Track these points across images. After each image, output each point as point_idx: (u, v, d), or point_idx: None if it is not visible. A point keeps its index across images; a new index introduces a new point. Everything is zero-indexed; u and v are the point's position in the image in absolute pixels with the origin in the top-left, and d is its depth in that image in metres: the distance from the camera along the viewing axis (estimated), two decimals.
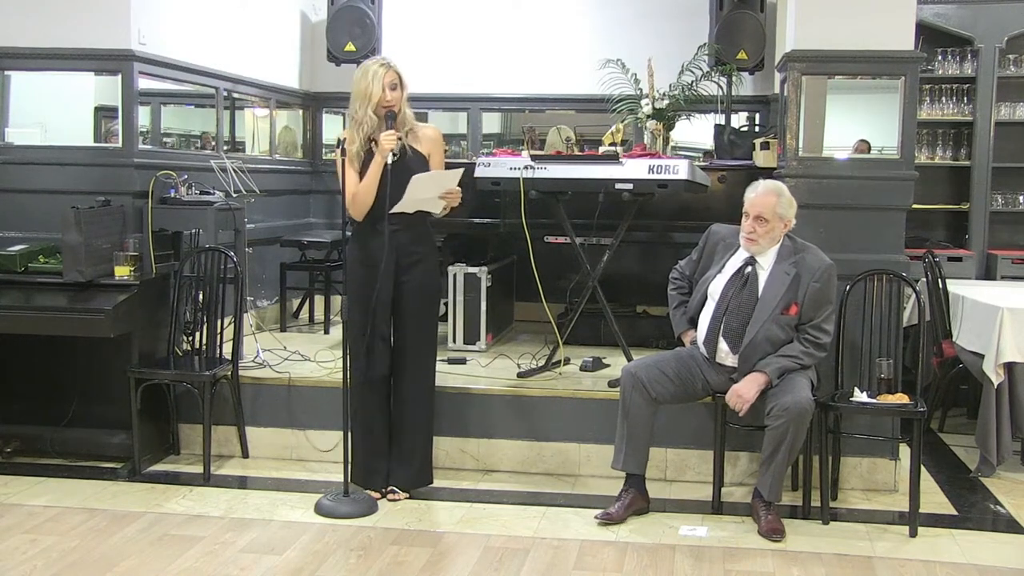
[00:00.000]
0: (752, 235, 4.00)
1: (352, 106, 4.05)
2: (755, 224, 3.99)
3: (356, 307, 4.08)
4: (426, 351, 4.24)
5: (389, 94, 3.98)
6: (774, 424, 3.83)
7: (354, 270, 4.14)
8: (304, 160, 7.16)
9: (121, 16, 4.74)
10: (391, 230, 3.99)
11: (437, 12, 6.98)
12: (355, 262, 4.14)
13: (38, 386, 4.75)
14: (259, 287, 6.24)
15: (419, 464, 4.25)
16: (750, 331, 3.96)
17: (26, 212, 4.81)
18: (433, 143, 4.17)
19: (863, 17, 4.36)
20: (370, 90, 3.96)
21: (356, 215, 4.07)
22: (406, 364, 4.18)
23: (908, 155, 4.44)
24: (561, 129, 5.37)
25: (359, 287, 4.09)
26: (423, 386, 4.23)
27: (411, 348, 4.18)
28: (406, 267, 4.11)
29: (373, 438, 4.21)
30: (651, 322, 5.67)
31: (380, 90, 3.96)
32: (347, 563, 3.59)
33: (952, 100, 6.73)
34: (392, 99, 3.99)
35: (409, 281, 4.12)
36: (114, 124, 4.92)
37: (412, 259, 4.11)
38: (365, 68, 4.03)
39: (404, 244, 4.08)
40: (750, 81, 6.56)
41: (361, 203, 4.03)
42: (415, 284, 4.13)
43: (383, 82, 3.97)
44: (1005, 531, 4.05)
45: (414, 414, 4.21)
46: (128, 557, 3.60)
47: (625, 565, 3.60)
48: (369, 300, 4.04)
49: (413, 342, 4.18)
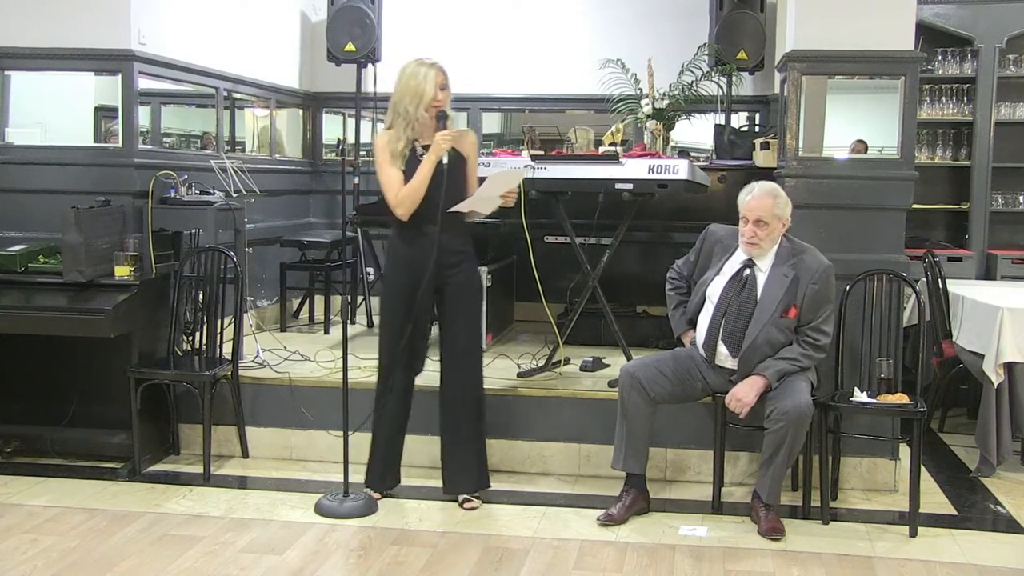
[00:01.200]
0: (753, 239, 3.99)
1: (399, 105, 3.99)
2: (756, 228, 3.98)
3: (396, 309, 4.05)
4: (476, 351, 4.21)
5: (440, 94, 3.98)
6: (773, 428, 3.83)
7: (396, 271, 4.09)
8: (304, 160, 7.16)
9: (121, 16, 4.74)
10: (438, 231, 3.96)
11: (437, 12, 6.98)
12: (398, 262, 4.09)
13: (38, 386, 4.75)
14: (259, 287, 6.24)
15: (481, 466, 4.21)
16: (749, 334, 3.96)
17: (26, 212, 4.81)
18: (473, 147, 4.16)
19: (863, 17, 4.36)
20: (421, 89, 3.94)
21: (404, 215, 4.01)
22: (459, 366, 4.12)
23: (908, 155, 4.44)
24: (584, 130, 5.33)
25: (402, 289, 4.04)
26: (477, 388, 4.19)
27: (462, 349, 4.12)
28: (449, 268, 4.06)
29: (394, 442, 4.20)
30: (651, 322, 5.67)
31: (432, 90, 3.95)
32: (347, 563, 3.59)
33: (952, 100, 6.74)
34: (442, 99, 3.99)
35: (454, 282, 4.08)
36: (114, 124, 4.92)
37: (456, 259, 4.08)
38: (414, 69, 3.99)
39: (447, 244, 4.03)
40: (750, 81, 6.56)
41: (413, 203, 3.97)
42: (460, 284, 4.10)
43: (435, 83, 3.96)
44: (1005, 531, 4.05)
45: (472, 417, 4.16)
46: (128, 557, 3.61)
47: (625, 565, 3.60)
48: (412, 301, 4.00)
49: (464, 343, 4.13)
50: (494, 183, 3.98)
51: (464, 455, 4.17)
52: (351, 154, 6.70)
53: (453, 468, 4.18)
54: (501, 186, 4.02)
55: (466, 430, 4.16)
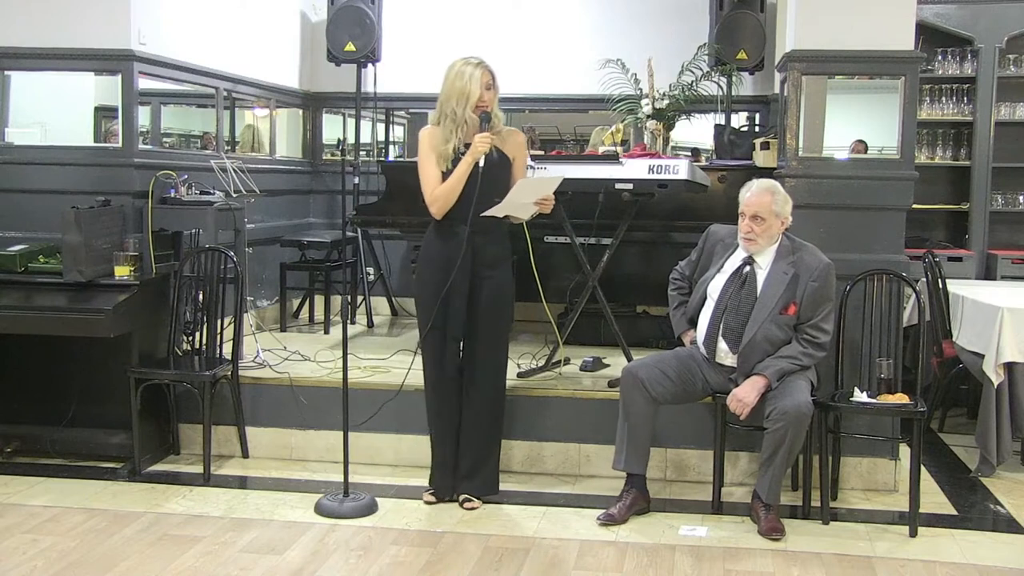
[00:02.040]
0: (750, 235, 4.00)
1: (447, 105, 3.96)
2: (752, 224, 3.99)
3: (427, 308, 4.03)
4: (501, 357, 4.19)
5: (486, 94, 3.96)
6: (773, 428, 3.83)
7: (428, 271, 4.06)
8: (304, 160, 7.16)
9: (121, 16, 4.74)
10: (470, 232, 3.94)
11: (437, 12, 6.98)
12: (430, 263, 4.06)
13: (38, 386, 4.75)
14: (259, 287, 6.24)
15: (492, 471, 4.20)
16: (749, 331, 3.96)
17: (26, 212, 4.81)
18: (519, 147, 4.13)
19: (863, 17, 4.36)
20: (467, 90, 3.92)
21: (437, 214, 3.99)
22: (480, 370, 4.11)
23: (908, 155, 4.44)
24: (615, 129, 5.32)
25: (432, 288, 4.02)
26: (498, 393, 4.17)
27: (485, 354, 4.10)
28: (482, 271, 4.03)
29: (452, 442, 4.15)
30: (651, 322, 5.67)
31: (478, 90, 3.92)
32: (347, 563, 3.59)
33: (952, 100, 6.74)
34: (488, 99, 3.97)
35: (486, 286, 4.05)
36: (114, 124, 4.92)
37: (489, 262, 4.05)
38: (460, 69, 3.97)
39: (482, 247, 4.01)
40: (750, 81, 6.56)
41: (446, 203, 3.95)
42: (492, 289, 4.06)
43: (480, 82, 3.93)
44: (1005, 531, 4.05)
45: (490, 421, 4.15)
46: (128, 557, 3.60)
47: (625, 565, 3.60)
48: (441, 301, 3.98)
49: (486, 348, 4.10)
50: (523, 189, 3.95)
51: (481, 460, 4.15)
52: (351, 154, 6.69)
53: (468, 469, 4.16)
54: (532, 193, 3.98)
55: (486, 436, 4.15)
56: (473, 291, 4.05)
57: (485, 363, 4.12)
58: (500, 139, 4.04)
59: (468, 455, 4.15)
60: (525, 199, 3.98)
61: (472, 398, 4.13)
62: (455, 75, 3.97)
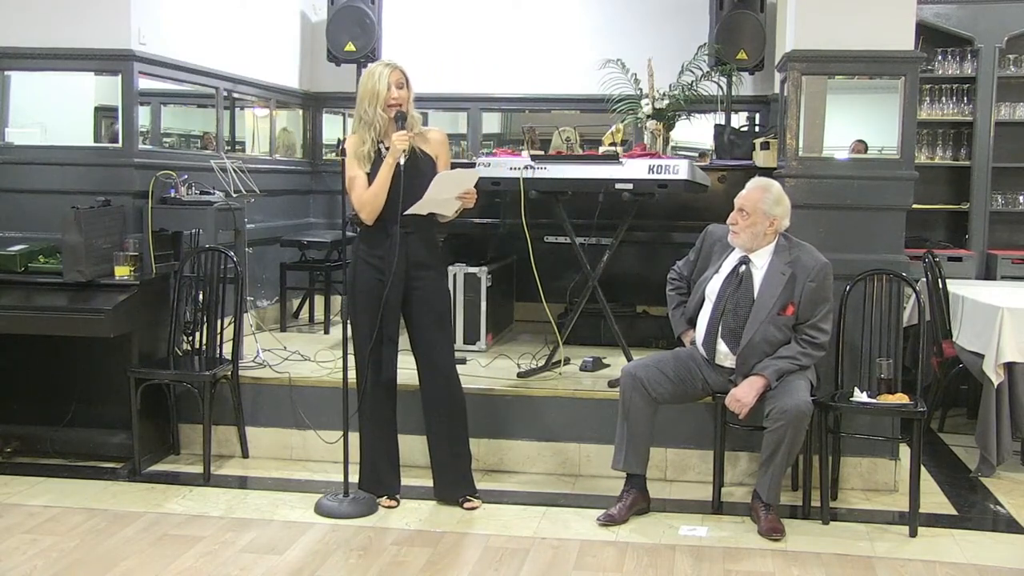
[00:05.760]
0: (734, 227, 4.03)
1: (360, 107, 4.01)
2: (737, 215, 4.02)
3: (364, 310, 4.03)
4: (451, 352, 4.19)
5: (396, 92, 3.96)
6: (773, 427, 3.83)
7: (362, 272, 4.06)
8: (304, 160, 7.16)
9: (121, 16, 4.74)
10: (402, 232, 3.96)
11: (437, 12, 6.98)
12: (363, 264, 4.06)
13: (38, 386, 4.75)
14: (259, 287, 6.24)
15: (469, 471, 4.21)
16: (747, 332, 3.96)
17: (26, 212, 4.81)
18: (440, 145, 4.14)
19: (863, 17, 4.36)
20: (377, 88, 3.95)
21: (368, 218, 4.00)
22: (438, 370, 4.10)
23: (908, 155, 4.44)
24: (563, 130, 5.36)
25: (367, 290, 4.03)
26: (458, 389, 4.17)
27: (437, 353, 4.10)
28: (416, 271, 4.05)
29: (385, 444, 4.17)
30: (651, 322, 5.67)
31: (387, 88, 3.95)
32: (347, 563, 3.59)
33: (952, 100, 6.74)
34: (399, 97, 3.97)
35: (421, 287, 4.06)
36: (114, 124, 4.92)
37: (422, 263, 4.06)
38: (371, 69, 4.04)
39: (415, 247, 4.03)
40: (750, 81, 6.57)
41: (374, 206, 3.96)
42: (427, 290, 4.07)
43: (389, 80, 3.96)
44: (1005, 531, 4.05)
45: (460, 417, 4.15)
46: (128, 557, 3.60)
47: (625, 565, 3.60)
48: (378, 303, 3.99)
49: (439, 348, 4.10)
50: (442, 183, 3.95)
51: (456, 463, 4.17)
52: None
53: (447, 478, 4.17)
54: (452, 187, 3.98)
55: (455, 438, 4.15)
56: (409, 292, 4.06)
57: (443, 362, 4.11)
58: (421, 138, 4.06)
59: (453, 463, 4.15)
60: (446, 194, 3.98)
61: (443, 398, 4.11)
62: (367, 76, 4.02)
